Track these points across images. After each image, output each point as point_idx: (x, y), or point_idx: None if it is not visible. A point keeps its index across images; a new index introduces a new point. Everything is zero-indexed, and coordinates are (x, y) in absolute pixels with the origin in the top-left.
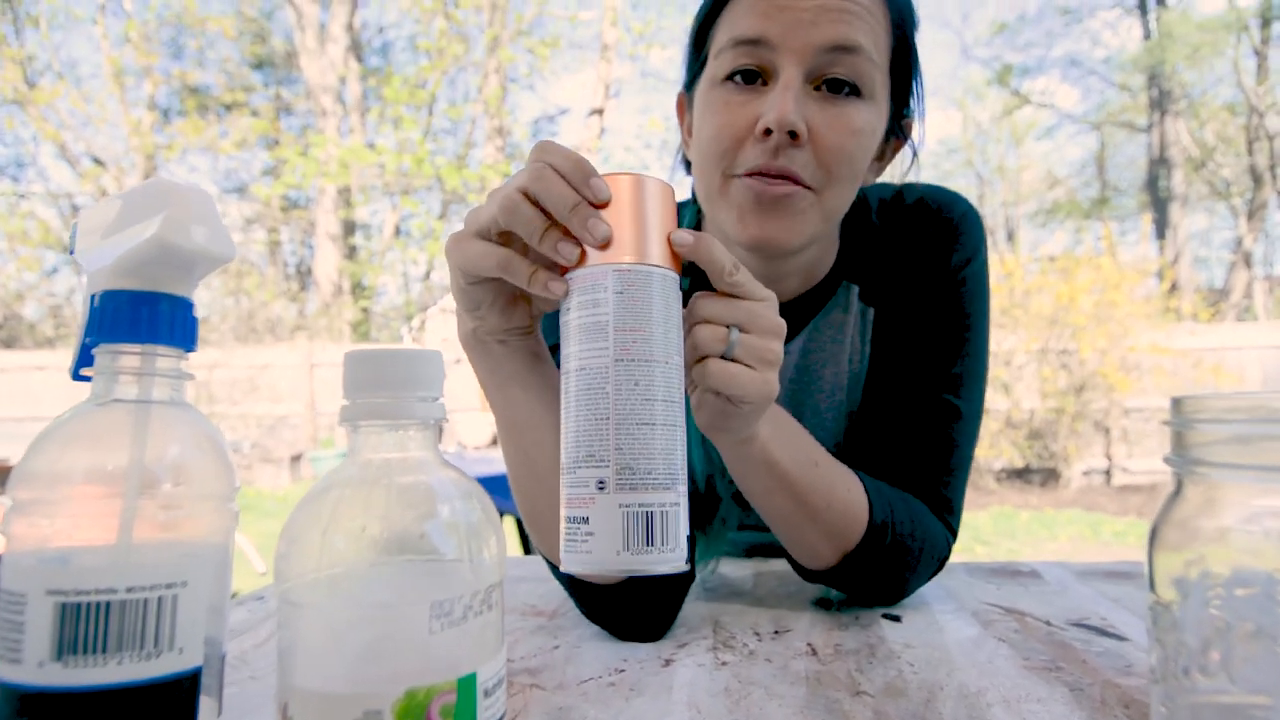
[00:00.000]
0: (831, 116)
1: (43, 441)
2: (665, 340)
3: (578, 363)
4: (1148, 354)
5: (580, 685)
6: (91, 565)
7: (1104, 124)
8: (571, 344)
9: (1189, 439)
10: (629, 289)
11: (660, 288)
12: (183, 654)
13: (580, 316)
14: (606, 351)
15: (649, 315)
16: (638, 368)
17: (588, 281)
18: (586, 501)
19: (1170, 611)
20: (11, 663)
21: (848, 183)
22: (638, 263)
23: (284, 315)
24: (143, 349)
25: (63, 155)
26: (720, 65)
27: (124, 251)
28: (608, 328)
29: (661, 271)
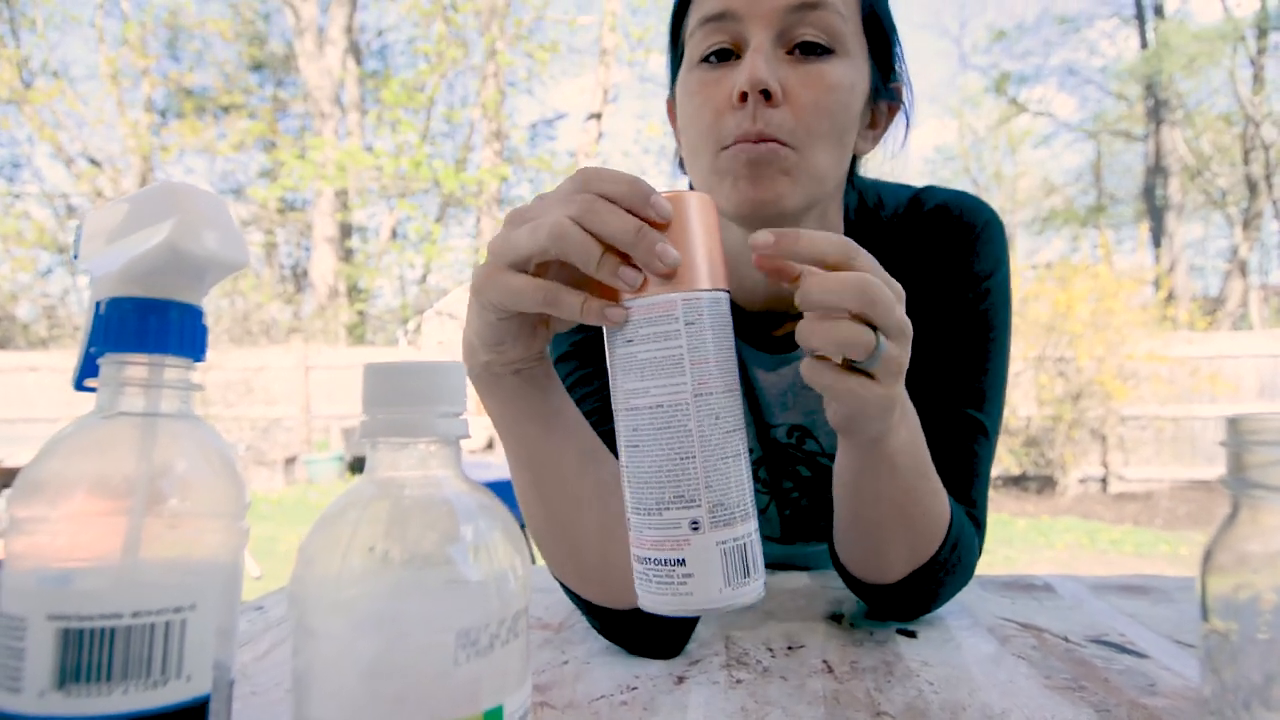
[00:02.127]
0: (805, 75)
1: (45, 455)
2: (731, 364)
3: (651, 399)
4: (1144, 362)
5: (592, 704)
6: (95, 588)
7: (1101, 132)
8: (636, 379)
9: (1247, 460)
10: (699, 319)
11: (721, 313)
12: (190, 681)
13: (647, 349)
14: (684, 387)
15: (719, 343)
16: (716, 400)
17: (654, 312)
18: (680, 544)
19: (1228, 641)
20: (11, 691)
21: (830, 139)
22: (701, 289)
23: (279, 317)
24: (150, 359)
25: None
26: (694, 49)
27: (132, 257)
28: (683, 361)
29: (723, 295)
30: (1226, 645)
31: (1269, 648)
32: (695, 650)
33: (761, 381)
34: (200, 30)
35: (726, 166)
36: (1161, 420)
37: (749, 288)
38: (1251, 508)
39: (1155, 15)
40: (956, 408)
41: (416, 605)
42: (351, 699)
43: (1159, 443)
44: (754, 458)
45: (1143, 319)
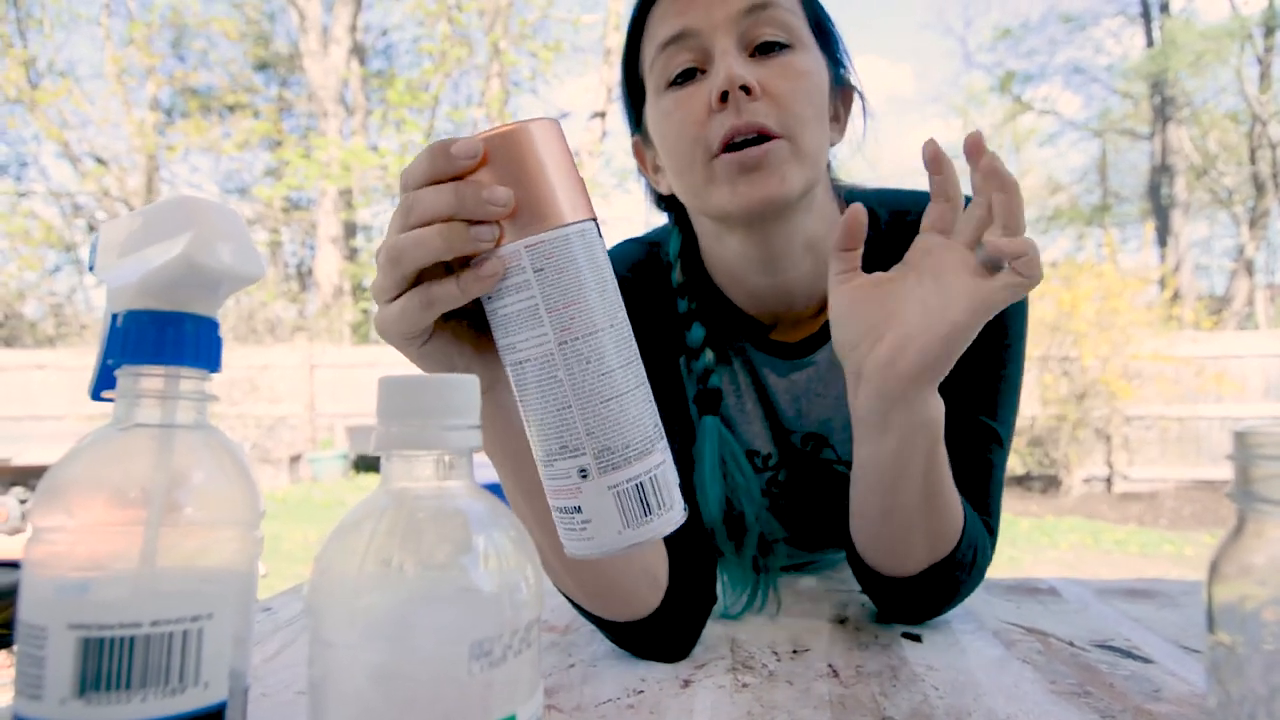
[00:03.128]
0: (775, 68)
1: (63, 465)
2: (603, 301)
3: (519, 355)
4: (1149, 362)
5: (598, 707)
6: (115, 598)
7: (1106, 131)
8: (504, 335)
9: (1253, 474)
10: (549, 262)
11: (582, 246)
12: (208, 689)
13: (505, 304)
14: (546, 337)
15: (580, 282)
16: (584, 344)
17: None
18: (573, 492)
19: (1234, 653)
20: (32, 699)
21: (814, 122)
22: (550, 228)
23: (284, 316)
24: (166, 371)
25: (65, 155)
26: (657, 76)
27: (149, 270)
28: (539, 311)
29: (578, 228)
30: (1232, 657)
31: (1274, 659)
32: (701, 654)
33: (774, 387)
34: (205, 29)
35: (723, 173)
36: (1166, 420)
37: (758, 295)
38: (1257, 521)
39: (1161, 13)
40: (972, 415)
41: (431, 616)
42: (367, 708)
43: (1164, 443)
44: (772, 461)
45: (1148, 318)
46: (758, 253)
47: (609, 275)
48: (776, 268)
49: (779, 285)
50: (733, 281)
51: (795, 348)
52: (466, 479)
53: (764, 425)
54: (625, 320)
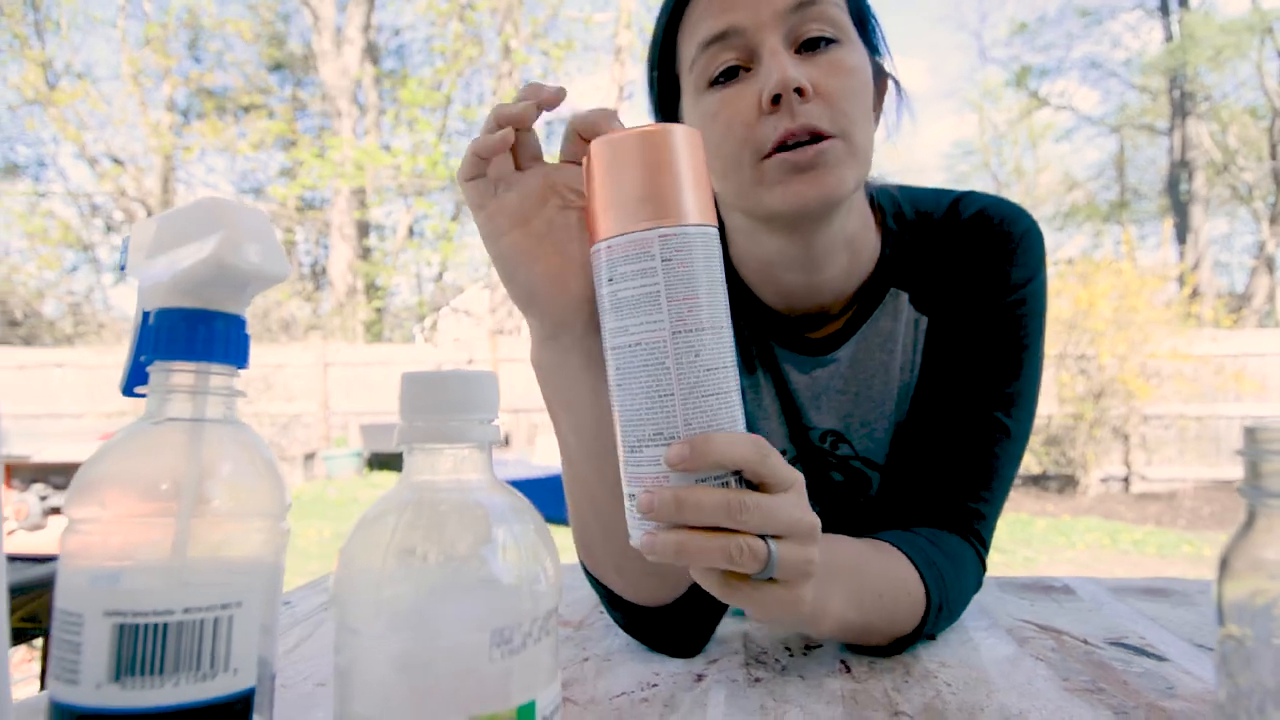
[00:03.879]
0: (824, 67)
1: (98, 459)
2: (713, 305)
3: (631, 338)
4: (1168, 360)
5: (613, 700)
6: (148, 586)
7: (1124, 126)
8: (618, 318)
9: (1263, 469)
10: (677, 254)
11: (704, 248)
12: (237, 675)
13: (627, 288)
14: (662, 324)
15: (698, 280)
16: (695, 338)
17: (632, 249)
18: (659, 480)
19: (1243, 647)
20: (69, 684)
21: (864, 119)
22: (682, 224)
23: (298, 315)
24: (197, 367)
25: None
26: (699, 74)
27: (180, 270)
28: (660, 298)
29: (703, 230)
30: (1241, 650)
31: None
32: (714, 649)
33: (795, 383)
34: (220, 31)
35: (774, 173)
36: (1185, 419)
37: (789, 293)
38: (1268, 516)
39: (1180, 7)
40: (983, 409)
41: (453, 605)
42: (391, 694)
43: (1183, 442)
44: (789, 458)
45: (1166, 316)
46: (798, 251)
47: (722, 280)
48: (815, 266)
49: (813, 283)
50: (763, 278)
51: (819, 344)
52: (487, 472)
53: (781, 422)
54: (730, 327)
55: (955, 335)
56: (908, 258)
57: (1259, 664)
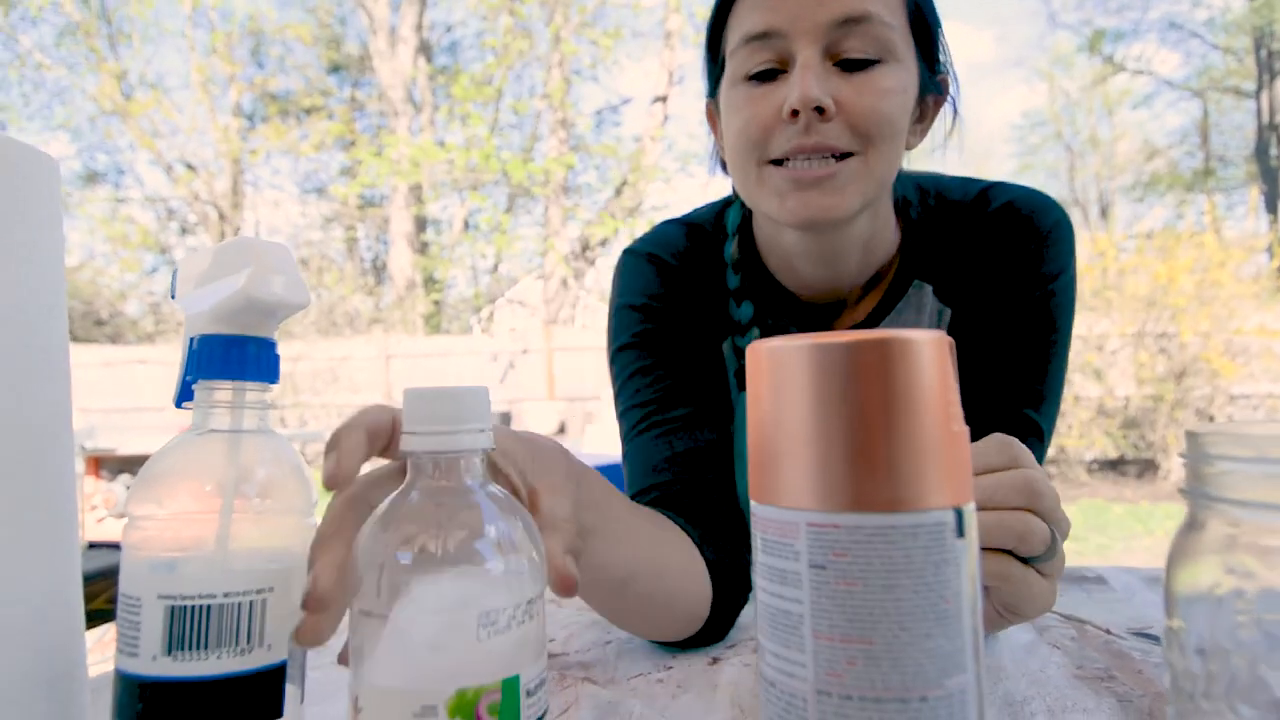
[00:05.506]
0: (858, 85)
1: (153, 464)
2: (915, 648)
3: (767, 665)
4: (1256, 337)
5: (630, 681)
6: (195, 573)
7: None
8: (763, 615)
9: (1204, 472)
10: (840, 560)
11: (922, 552)
12: (271, 650)
13: (765, 589)
14: (803, 668)
15: (884, 610)
16: (857, 710)
17: (771, 532)
18: None
19: (1179, 636)
20: (130, 656)
21: (889, 143)
22: (863, 510)
23: (361, 309)
24: (234, 385)
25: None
26: (737, 65)
27: (217, 301)
28: (802, 626)
29: (927, 521)
30: (1177, 640)
31: (1214, 644)
32: (732, 635)
33: None
34: (281, 36)
35: (774, 184)
36: (1276, 399)
37: (808, 283)
38: (1207, 517)
39: None
40: (1015, 408)
41: (448, 591)
42: (395, 667)
43: None
44: None
45: (1254, 290)
46: (813, 249)
47: (952, 593)
48: (830, 263)
49: (830, 276)
50: (785, 267)
51: None
52: (480, 475)
53: None
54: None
55: (982, 329)
56: (931, 250)
57: (1189, 653)
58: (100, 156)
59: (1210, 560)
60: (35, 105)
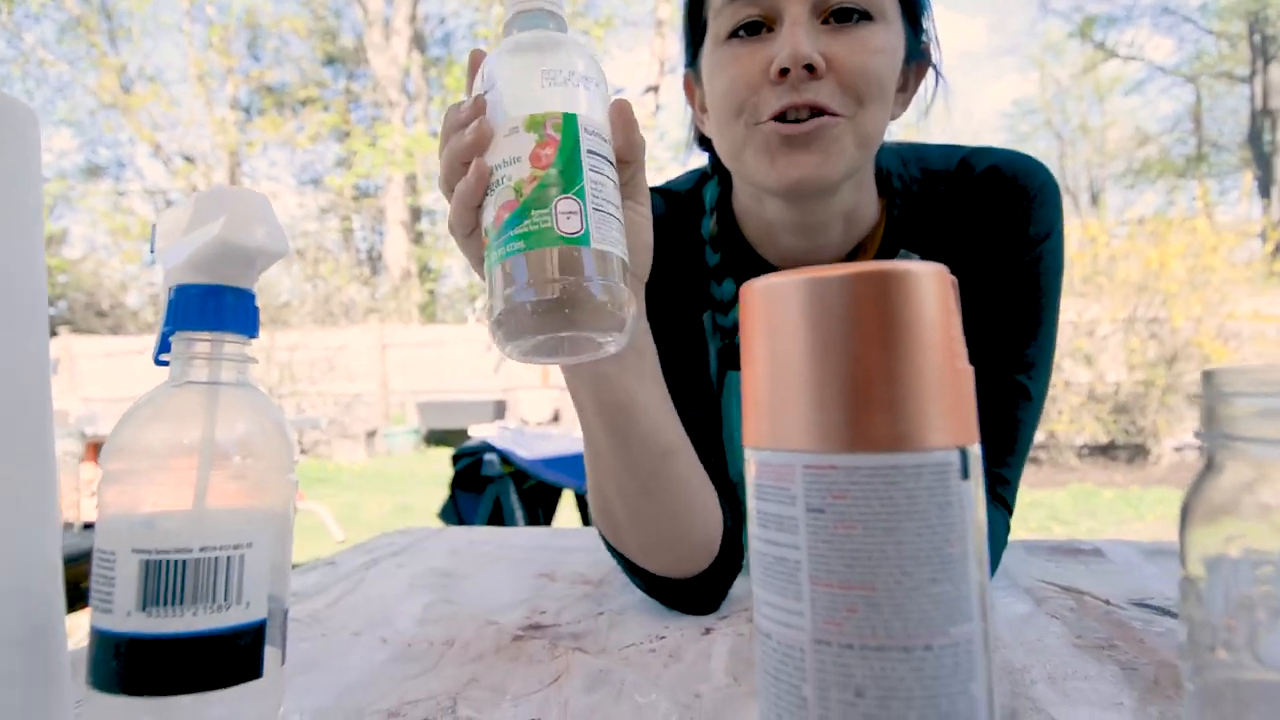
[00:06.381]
0: (847, 42)
1: (128, 419)
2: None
3: (764, 618)
4: (1248, 321)
5: (622, 650)
6: (171, 528)
7: (1200, 75)
8: (758, 569)
9: (1221, 413)
10: (839, 503)
11: (925, 494)
12: (249, 608)
13: (760, 537)
14: (800, 617)
15: (885, 555)
16: (858, 660)
17: (767, 476)
18: None
19: (1196, 587)
20: (104, 612)
21: (878, 104)
22: (863, 450)
23: (357, 298)
24: (212, 336)
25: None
26: (721, 23)
27: (193, 250)
28: (799, 573)
29: (930, 461)
30: (1195, 591)
31: (1233, 591)
32: (725, 605)
33: None
34: (277, 28)
35: (763, 142)
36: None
37: (790, 256)
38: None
39: None
40: (1003, 372)
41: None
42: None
43: None
44: None
45: (1247, 275)
46: (795, 219)
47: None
48: (812, 234)
49: (811, 248)
50: (765, 239)
51: None
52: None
53: None
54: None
55: (970, 295)
56: (916, 219)
57: (1209, 605)
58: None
59: (1230, 504)
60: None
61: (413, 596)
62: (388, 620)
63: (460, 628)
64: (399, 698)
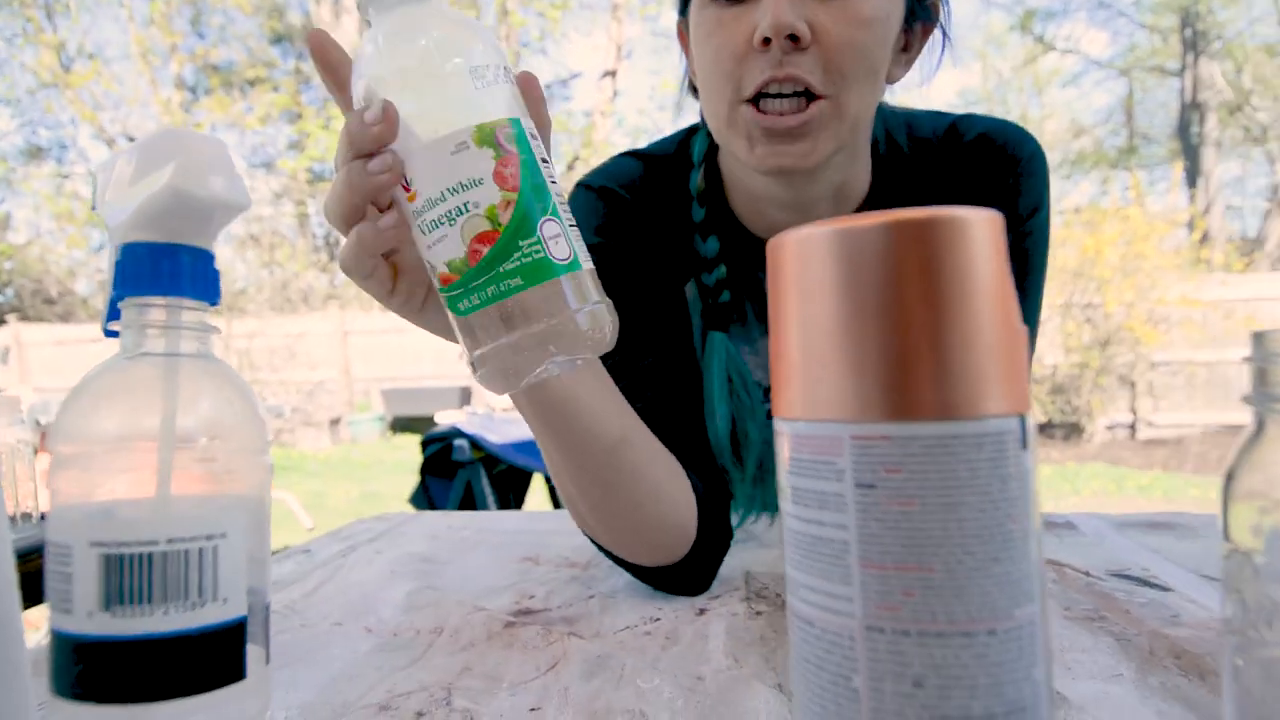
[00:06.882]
0: (835, 11)
1: (77, 396)
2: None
3: (800, 604)
4: (1176, 306)
5: (617, 634)
6: (132, 518)
7: (1133, 69)
8: (794, 549)
9: (1272, 375)
10: (893, 477)
11: (987, 465)
12: (226, 604)
13: (798, 516)
14: (849, 603)
15: (945, 533)
16: (915, 648)
17: (808, 449)
18: None
19: (1251, 560)
20: (63, 613)
21: (866, 80)
22: (919, 418)
23: (316, 285)
24: (167, 301)
25: (100, 136)
26: None
27: (141, 202)
28: (847, 555)
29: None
30: (1249, 564)
31: None
32: (716, 586)
33: None
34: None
35: (744, 127)
36: (1194, 365)
37: (771, 226)
38: (1277, 424)
39: None
40: None
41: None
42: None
43: (1191, 388)
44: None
45: (1175, 262)
46: (783, 195)
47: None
48: (799, 209)
49: (797, 221)
50: (751, 210)
51: None
52: None
53: (768, 358)
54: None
55: None
56: (900, 190)
57: (1267, 577)
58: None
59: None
60: None
61: (395, 584)
62: (370, 609)
63: (447, 615)
64: (388, 690)
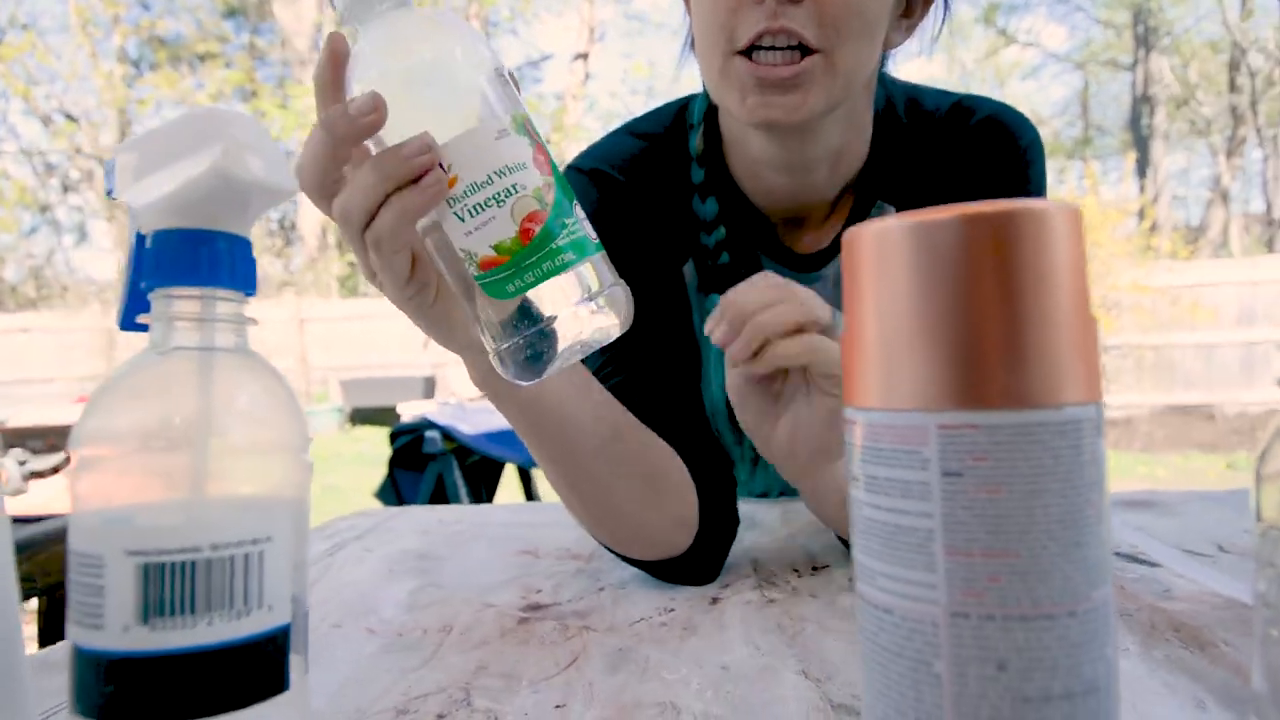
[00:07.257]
0: None
1: (105, 394)
2: (1064, 559)
3: (876, 592)
4: (1128, 292)
5: (632, 626)
6: (171, 524)
7: (1088, 62)
8: (868, 538)
9: None
10: (980, 465)
11: (1070, 452)
12: (271, 611)
13: (875, 505)
14: (933, 590)
15: (1031, 519)
16: (999, 632)
17: (888, 439)
18: None
19: None
20: (91, 629)
21: (861, 39)
22: (1007, 407)
23: (270, 271)
24: (203, 292)
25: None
26: None
27: (178, 186)
28: (931, 543)
29: (1072, 417)
30: None
31: None
32: (725, 574)
33: None
34: None
35: (737, 78)
36: (1143, 349)
37: (774, 194)
38: None
39: None
40: None
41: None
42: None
43: (1140, 370)
44: None
45: (1127, 249)
46: (780, 155)
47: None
48: (798, 170)
49: (797, 186)
50: (750, 174)
51: (807, 260)
52: None
53: None
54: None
55: None
56: (898, 167)
57: None
58: None
59: None
60: None
61: (394, 582)
62: (371, 609)
63: (455, 612)
64: (403, 693)
